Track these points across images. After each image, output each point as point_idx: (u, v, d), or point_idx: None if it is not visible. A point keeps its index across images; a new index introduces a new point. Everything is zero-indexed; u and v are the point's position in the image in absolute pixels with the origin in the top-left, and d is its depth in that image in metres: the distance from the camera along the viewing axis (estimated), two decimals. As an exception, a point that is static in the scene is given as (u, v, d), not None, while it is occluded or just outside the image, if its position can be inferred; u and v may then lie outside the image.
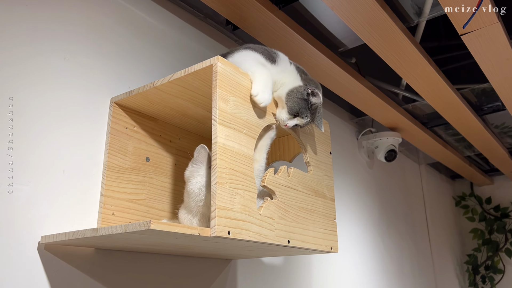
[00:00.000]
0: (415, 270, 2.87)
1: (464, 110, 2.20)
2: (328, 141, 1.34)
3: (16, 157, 0.96)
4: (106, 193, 1.10)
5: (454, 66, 2.56)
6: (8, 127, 0.96)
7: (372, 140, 2.49)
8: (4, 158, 0.95)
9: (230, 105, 0.97)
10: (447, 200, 3.86)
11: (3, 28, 0.99)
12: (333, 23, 1.71)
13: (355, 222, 2.29)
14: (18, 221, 0.93)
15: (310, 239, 1.13)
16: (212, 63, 0.97)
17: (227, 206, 0.89)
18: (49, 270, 0.96)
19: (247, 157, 0.99)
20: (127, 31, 1.29)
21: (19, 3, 1.04)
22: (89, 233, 0.85)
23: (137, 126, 1.22)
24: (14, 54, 1.00)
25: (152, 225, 0.76)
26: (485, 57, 1.67)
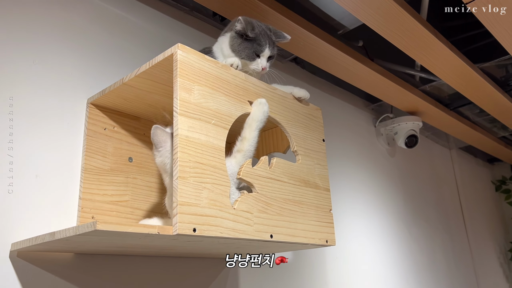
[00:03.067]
0: (449, 261, 2.71)
1: (486, 87, 2.04)
2: (320, 128, 1.26)
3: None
4: (84, 196, 1.07)
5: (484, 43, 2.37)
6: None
7: (390, 126, 2.36)
8: (4, 158, 0.96)
9: (194, 95, 0.92)
10: (485, 185, 3.63)
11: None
12: (328, 4, 1.62)
13: (377, 214, 2.17)
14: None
15: (299, 233, 1.06)
16: (173, 51, 0.92)
17: (191, 202, 0.83)
18: (22, 278, 0.93)
19: (217, 148, 0.93)
20: (103, 31, 1.26)
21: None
22: (47, 237, 0.82)
23: (117, 126, 1.19)
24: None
25: (98, 226, 0.71)
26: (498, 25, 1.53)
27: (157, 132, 0.97)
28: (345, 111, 2.23)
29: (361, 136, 2.28)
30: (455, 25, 2.32)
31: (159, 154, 0.98)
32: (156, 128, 0.98)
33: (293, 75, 1.93)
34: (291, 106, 1.18)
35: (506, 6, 1.37)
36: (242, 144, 1.01)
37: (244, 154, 1.01)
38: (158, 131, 0.98)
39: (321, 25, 1.63)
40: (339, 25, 1.71)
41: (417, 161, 2.72)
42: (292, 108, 1.18)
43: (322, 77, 2.11)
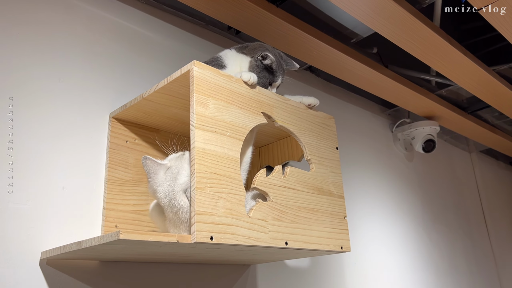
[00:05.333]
0: (471, 266, 2.68)
1: (504, 90, 2.03)
2: (333, 136, 1.29)
3: (16, 168, 1.01)
4: (108, 206, 1.13)
5: (501, 45, 2.36)
6: (8, 127, 1.03)
7: (407, 131, 2.37)
8: (4, 158, 1.00)
9: (210, 109, 0.96)
10: (508, 188, 3.58)
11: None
12: (341, 14, 1.65)
13: (396, 220, 2.18)
14: (18, 238, 0.98)
15: (313, 239, 1.09)
16: (189, 68, 0.97)
17: (208, 211, 0.88)
18: (51, 284, 0.99)
19: (232, 159, 0.97)
20: (123, 48, 1.32)
21: (7, 29, 1.10)
22: (75, 246, 0.88)
23: (138, 138, 1.24)
24: (8, 82, 1.06)
25: (121, 235, 0.76)
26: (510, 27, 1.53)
27: (147, 163, 0.99)
28: (361, 117, 2.24)
29: (378, 142, 2.29)
30: (470, 28, 2.31)
31: (150, 185, 0.99)
32: (146, 159, 0.99)
33: (309, 84, 1.97)
34: (304, 115, 1.21)
35: (506, 6, 1.37)
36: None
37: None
38: (148, 162, 0.99)
39: (334, 35, 1.67)
40: (352, 33, 1.74)
41: (436, 165, 2.71)
42: (305, 118, 1.21)
43: (337, 84, 2.14)
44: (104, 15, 1.31)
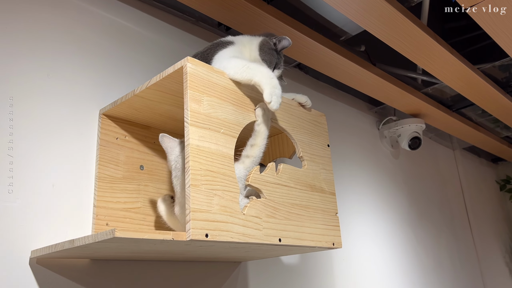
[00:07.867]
0: (455, 261, 2.73)
1: (487, 88, 2.07)
2: (325, 133, 1.29)
3: (7, 166, 0.99)
4: (98, 204, 1.11)
5: (485, 44, 2.40)
6: (8, 127, 1.02)
7: (394, 129, 2.39)
8: (4, 158, 0.99)
9: (204, 106, 0.96)
10: (490, 185, 3.65)
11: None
12: (330, 12, 1.66)
13: (382, 216, 2.21)
14: (7, 237, 0.96)
15: (306, 236, 1.09)
16: (183, 64, 0.96)
17: (203, 208, 0.87)
18: (42, 283, 0.97)
19: (226, 156, 0.96)
20: (114, 44, 1.31)
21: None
22: (67, 244, 0.86)
23: (129, 135, 1.23)
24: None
25: (116, 233, 0.75)
26: (497, 28, 1.56)
27: (164, 140, 1.09)
28: (348, 114, 2.26)
29: (365, 139, 2.31)
30: (456, 26, 2.35)
31: (168, 158, 1.08)
32: (163, 136, 1.09)
33: (297, 81, 1.97)
34: (296, 113, 1.22)
35: (506, 6, 1.40)
36: (253, 150, 1.05)
37: (253, 160, 1.05)
38: (165, 139, 1.09)
39: (324, 32, 1.67)
40: (341, 31, 1.75)
41: (421, 162, 2.75)
42: (297, 115, 1.22)
43: (325, 82, 2.15)
44: (94, 10, 1.29)
